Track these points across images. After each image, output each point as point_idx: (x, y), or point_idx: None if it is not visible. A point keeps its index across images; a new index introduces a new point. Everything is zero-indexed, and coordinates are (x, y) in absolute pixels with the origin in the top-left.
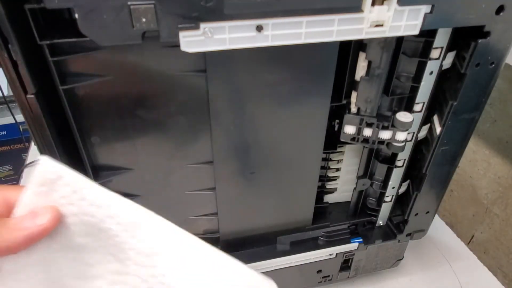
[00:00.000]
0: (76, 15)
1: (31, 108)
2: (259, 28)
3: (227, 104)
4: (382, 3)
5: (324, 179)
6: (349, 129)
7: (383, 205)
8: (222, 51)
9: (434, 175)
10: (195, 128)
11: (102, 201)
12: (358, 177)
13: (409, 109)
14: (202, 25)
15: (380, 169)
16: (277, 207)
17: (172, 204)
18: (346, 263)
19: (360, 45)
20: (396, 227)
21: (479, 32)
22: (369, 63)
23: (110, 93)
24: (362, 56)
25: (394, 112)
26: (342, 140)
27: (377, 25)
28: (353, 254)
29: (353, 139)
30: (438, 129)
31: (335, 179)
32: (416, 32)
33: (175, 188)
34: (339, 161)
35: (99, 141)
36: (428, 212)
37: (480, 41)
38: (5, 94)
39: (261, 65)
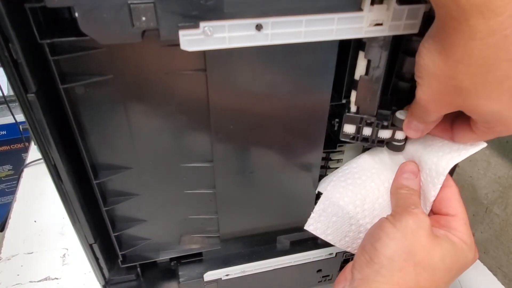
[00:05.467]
0: (76, 14)
1: (32, 107)
2: (259, 27)
3: (227, 103)
4: (381, 2)
5: None
6: (349, 128)
7: None
8: (222, 50)
9: None
10: (195, 127)
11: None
12: None
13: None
14: (202, 24)
15: None
16: (277, 207)
17: (171, 203)
18: (346, 263)
19: (360, 44)
20: None
21: None
22: (369, 62)
23: (110, 92)
24: (361, 55)
25: (394, 111)
26: (341, 139)
27: (376, 24)
28: (353, 254)
29: (352, 138)
30: None
31: None
32: (415, 31)
33: (175, 187)
34: (339, 160)
35: (99, 141)
36: None
37: None
38: (5, 94)
39: (260, 64)
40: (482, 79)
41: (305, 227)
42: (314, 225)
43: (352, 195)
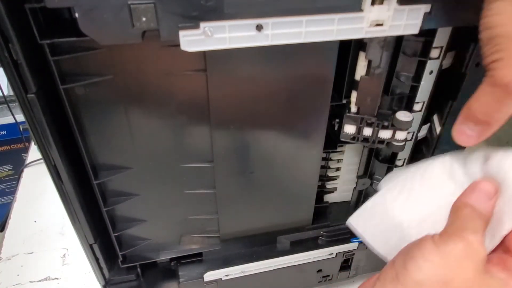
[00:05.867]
0: (76, 14)
1: (32, 108)
2: (259, 27)
3: (227, 104)
4: (382, 3)
5: (324, 178)
6: (349, 129)
7: None
8: (222, 50)
9: None
10: (195, 127)
11: None
12: (358, 177)
13: (409, 108)
14: (202, 24)
15: (380, 169)
16: (277, 207)
17: (171, 204)
18: (346, 263)
19: (360, 45)
20: None
21: (479, 31)
22: (369, 62)
23: (110, 92)
24: (362, 56)
25: (394, 112)
26: (342, 139)
27: (377, 25)
28: (353, 254)
29: (353, 138)
30: (438, 129)
31: (335, 179)
32: (416, 31)
33: (175, 188)
34: (339, 160)
35: (99, 141)
36: None
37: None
38: (5, 94)
39: (261, 65)
40: None
41: (346, 222)
42: (356, 221)
43: (404, 200)
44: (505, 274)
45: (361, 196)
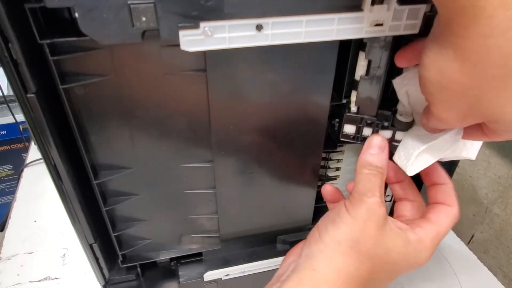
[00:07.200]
0: (76, 14)
1: (32, 107)
2: (259, 27)
3: (227, 104)
4: (382, 3)
5: (324, 178)
6: (349, 129)
7: None
8: (222, 50)
9: None
10: (195, 127)
11: None
12: None
13: None
14: (202, 24)
15: None
16: (277, 207)
17: (171, 204)
18: None
19: (360, 44)
20: None
21: None
22: (369, 62)
23: (110, 92)
24: (362, 55)
25: (394, 112)
26: (342, 139)
27: (377, 24)
28: None
29: (353, 138)
30: None
31: (335, 179)
32: (415, 31)
33: (175, 188)
34: (339, 160)
35: (99, 141)
36: None
37: None
38: (5, 93)
39: (261, 64)
40: (504, 82)
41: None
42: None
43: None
44: (406, 226)
45: None
